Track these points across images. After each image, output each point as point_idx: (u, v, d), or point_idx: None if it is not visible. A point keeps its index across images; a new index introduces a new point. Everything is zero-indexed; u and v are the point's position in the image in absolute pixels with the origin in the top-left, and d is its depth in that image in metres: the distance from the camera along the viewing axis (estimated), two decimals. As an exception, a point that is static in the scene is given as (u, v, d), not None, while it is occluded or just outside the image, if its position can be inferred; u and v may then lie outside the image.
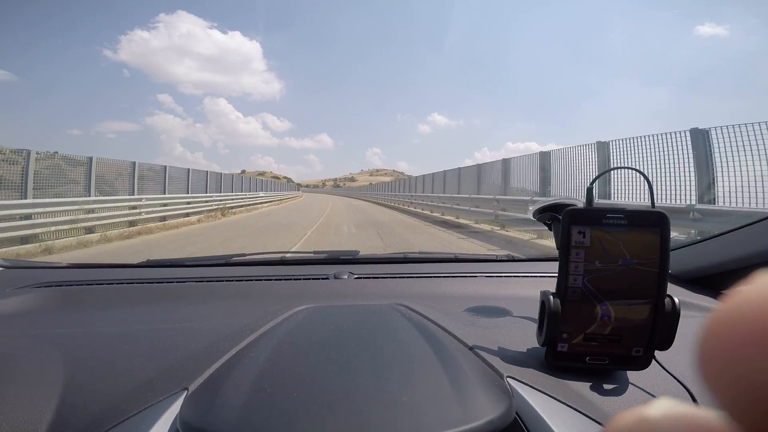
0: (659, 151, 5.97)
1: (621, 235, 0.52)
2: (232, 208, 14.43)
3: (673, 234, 0.53)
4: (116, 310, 0.85)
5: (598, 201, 0.68)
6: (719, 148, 5.08)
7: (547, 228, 0.76)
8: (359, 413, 0.41)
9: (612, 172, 6.32)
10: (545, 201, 0.73)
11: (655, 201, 0.60)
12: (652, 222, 0.52)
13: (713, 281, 0.90)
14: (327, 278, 1.00)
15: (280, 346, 0.56)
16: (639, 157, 6.39)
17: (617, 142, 6.93)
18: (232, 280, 0.98)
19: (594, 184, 0.63)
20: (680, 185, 5.60)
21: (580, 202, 0.65)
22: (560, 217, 0.55)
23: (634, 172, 5.61)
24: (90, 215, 7.40)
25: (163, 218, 9.68)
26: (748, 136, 4.64)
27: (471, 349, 0.57)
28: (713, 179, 5.13)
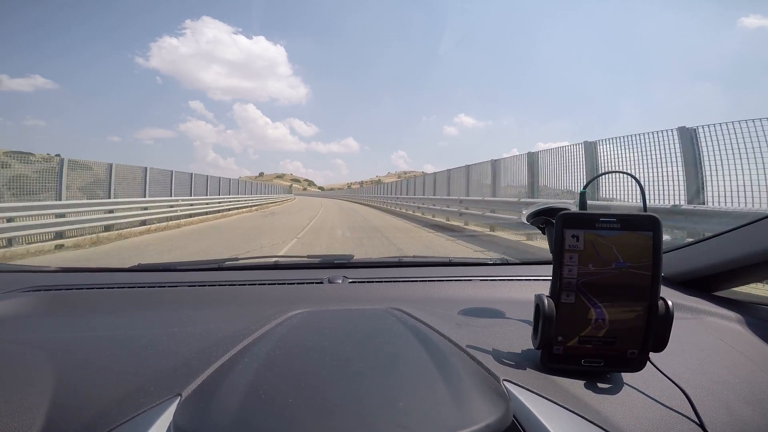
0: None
1: (614, 239, 0.53)
2: (174, 217, 11.24)
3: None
4: (107, 315, 0.83)
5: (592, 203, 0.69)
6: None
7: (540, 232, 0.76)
8: (355, 418, 0.41)
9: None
10: (539, 205, 0.74)
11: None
12: (645, 225, 0.53)
13: (706, 283, 0.91)
14: (321, 282, 0.99)
15: (274, 350, 0.56)
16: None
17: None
18: (225, 285, 0.97)
19: (587, 189, 0.64)
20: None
21: (574, 205, 0.66)
22: (554, 221, 0.55)
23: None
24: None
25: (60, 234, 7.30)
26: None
27: (467, 352, 0.57)
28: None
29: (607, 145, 6.51)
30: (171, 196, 12.39)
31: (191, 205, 13.13)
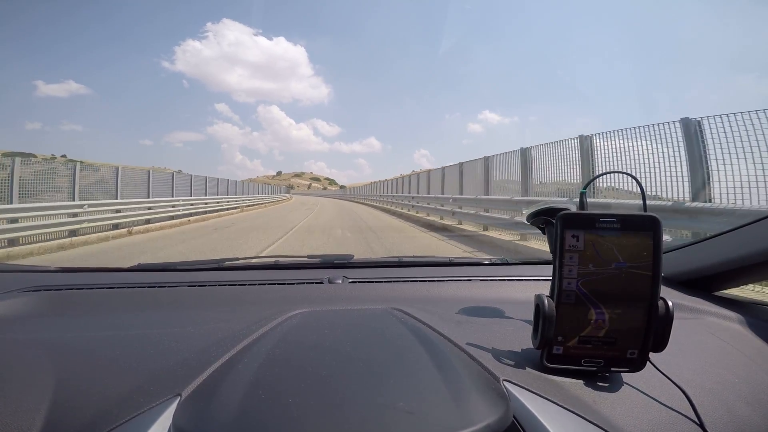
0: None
1: (614, 239, 0.53)
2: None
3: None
4: (107, 315, 0.83)
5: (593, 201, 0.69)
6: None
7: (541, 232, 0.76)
8: (356, 419, 0.41)
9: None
10: (539, 205, 0.74)
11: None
12: (645, 225, 0.53)
13: (706, 283, 0.91)
14: (321, 282, 0.99)
15: (274, 350, 0.56)
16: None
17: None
18: (225, 285, 0.97)
19: (586, 189, 0.63)
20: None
21: (574, 205, 0.66)
22: (554, 221, 0.55)
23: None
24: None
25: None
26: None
27: (466, 352, 0.57)
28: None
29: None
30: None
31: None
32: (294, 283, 0.99)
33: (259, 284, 0.99)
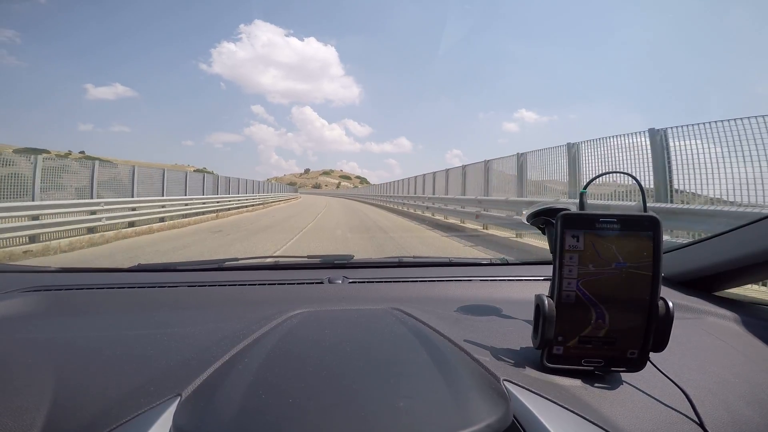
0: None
1: (614, 239, 0.53)
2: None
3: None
4: (107, 315, 0.84)
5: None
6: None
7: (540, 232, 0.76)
8: (355, 419, 0.41)
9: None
10: (539, 205, 0.74)
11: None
12: (645, 225, 0.53)
13: (706, 283, 0.91)
14: (321, 282, 0.99)
15: (274, 351, 0.56)
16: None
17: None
18: (225, 285, 0.97)
19: (587, 189, 0.63)
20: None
21: (574, 206, 0.66)
22: (554, 222, 0.55)
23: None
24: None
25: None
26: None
27: (467, 352, 0.57)
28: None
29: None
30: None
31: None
32: (294, 284, 0.99)
33: (259, 284, 0.99)
